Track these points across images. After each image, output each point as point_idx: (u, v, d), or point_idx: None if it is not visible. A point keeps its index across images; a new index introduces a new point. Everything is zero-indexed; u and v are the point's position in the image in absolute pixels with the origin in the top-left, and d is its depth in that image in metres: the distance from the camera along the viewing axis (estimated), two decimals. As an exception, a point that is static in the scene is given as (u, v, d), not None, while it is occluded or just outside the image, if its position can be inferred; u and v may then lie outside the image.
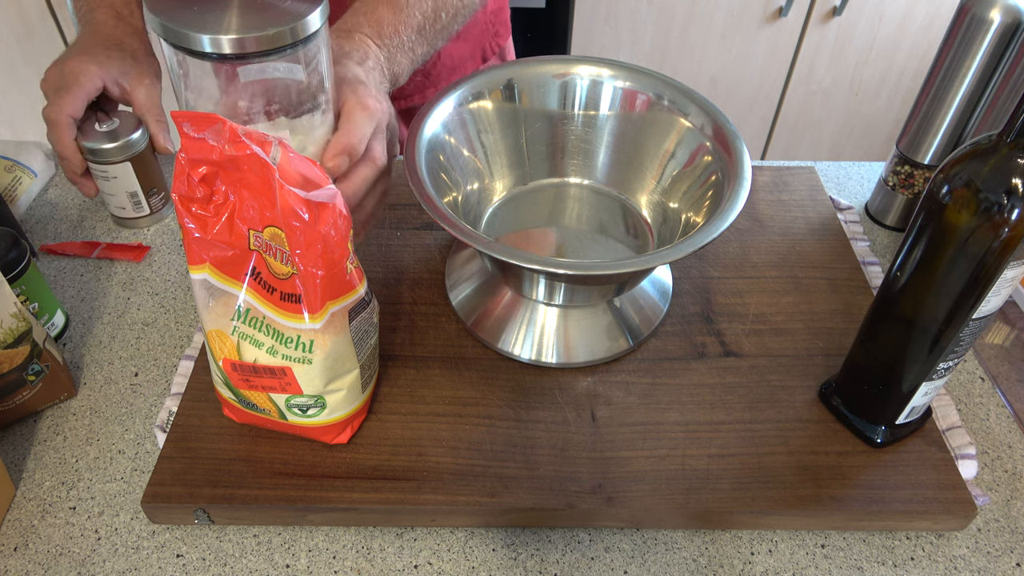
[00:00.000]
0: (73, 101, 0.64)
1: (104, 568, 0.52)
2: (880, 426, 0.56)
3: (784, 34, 1.62)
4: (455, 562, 0.52)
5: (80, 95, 0.64)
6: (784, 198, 0.78)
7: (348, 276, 0.49)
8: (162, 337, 0.66)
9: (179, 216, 0.48)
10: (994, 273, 0.45)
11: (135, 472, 0.57)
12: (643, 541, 0.54)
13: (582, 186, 0.70)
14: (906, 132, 0.74)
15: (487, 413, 0.58)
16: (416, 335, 0.64)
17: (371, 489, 0.53)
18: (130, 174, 0.72)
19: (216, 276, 0.50)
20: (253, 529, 0.54)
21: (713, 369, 0.62)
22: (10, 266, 0.59)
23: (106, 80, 0.66)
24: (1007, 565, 0.53)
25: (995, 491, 0.57)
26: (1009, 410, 0.62)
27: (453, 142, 0.63)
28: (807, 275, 0.70)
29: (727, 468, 0.55)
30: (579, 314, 0.62)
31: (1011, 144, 0.42)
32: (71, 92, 0.64)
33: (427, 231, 0.73)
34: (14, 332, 0.54)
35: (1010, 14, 0.63)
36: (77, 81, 0.64)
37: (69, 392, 0.61)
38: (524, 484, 0.53)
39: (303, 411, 0.53)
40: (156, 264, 0.73)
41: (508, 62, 0.66)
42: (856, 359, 0.57)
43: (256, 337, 0.50)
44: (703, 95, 0.64)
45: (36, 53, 1.55)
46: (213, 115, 0.45)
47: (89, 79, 0.64)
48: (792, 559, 0.53)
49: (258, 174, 0.45)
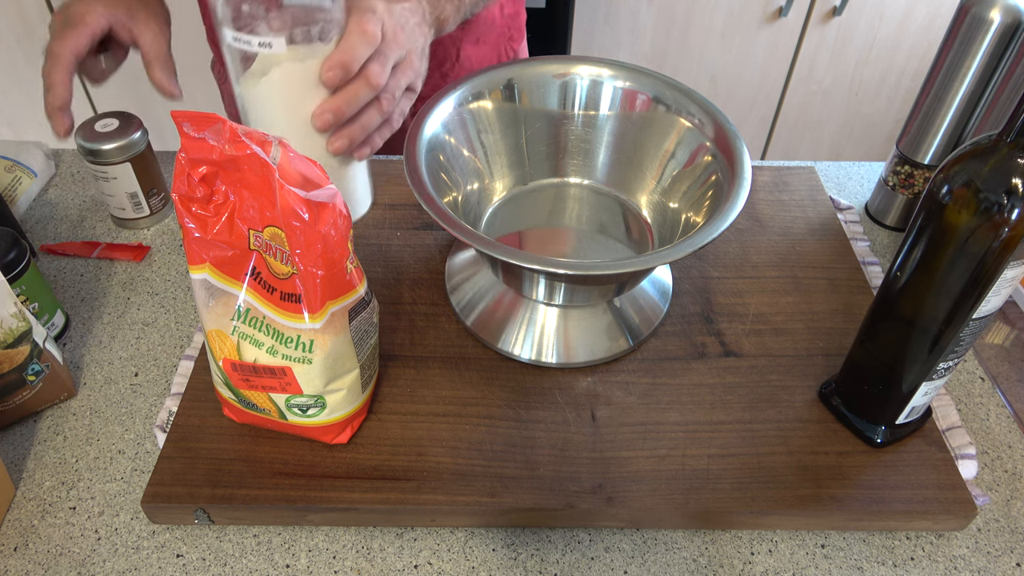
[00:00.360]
0: (77, 37, 0.63)
1: (104, 568, 0.52)
2: (880, 426, 0.56)
3: (784, 34, 1.62)
4: (455, 562, 0.52)
5: (85, 33, 0.64)
6: (784, 198, 0.78)
7: (348, 276, 0.49)
8: (162, 337, 0.66)
9: (179, 216, 0.48)
10: (994, 273, 0.45)
11: (135, 472, 0.57)
12: (643, 541, 0.54)
13: (582, 186, 0.70)
14: (906, 132, 0.74)
15: (487, 413, 0.58)
16: (416, 335, 0.64)
17: (371, 489, 0.53)
18: (130, 174, 0.72)
19: (216, 276, 0.50)
20: (253, 529, 0.54)
21: (713, 369, 0.62)
22: (10, 266, 0.59)
23: (113, 21, 0.65)
24: (1007, 565, 0.53)
25: (995, 491, 0.57)
26: (1009, 410, 0.62)
27: (453, 142, 0.63)
28: (807, 275, 0.70)
29: (727, 468, 0.55)
30: (579, 314, 0.62)
31: (1011, 144, 0.42)
32: (76, 29, 0.63)
33: (427, 231, 0.73)
34: (14, 332, 0.54)
35: (1010, 14, 0.63)
36: (83, 20, 0.63)
37: (69, 392, 0.61)
38: (524, 484, 0.53)
39: (303, 411, 0.53)
40: (156, 264, 0.73)
41: (508, 62, 0.66)
42: (856, 359, 0.57)
43: (256, 337, 0.50)
44: (703, 95, 0.64)
45: (36, 53, 1.55)
46: (213, 115, 0.45)
47: (95, 19, 0.64)
48: (792, 559, 0.53)
49: (258, 174, 0.45)
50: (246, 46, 0.53)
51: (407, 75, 0.60)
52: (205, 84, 1.61)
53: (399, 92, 0.60)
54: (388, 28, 0.58)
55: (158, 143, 0.80)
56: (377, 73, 0.56)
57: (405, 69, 0.59)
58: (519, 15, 0.94)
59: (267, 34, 0.52)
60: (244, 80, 0.56)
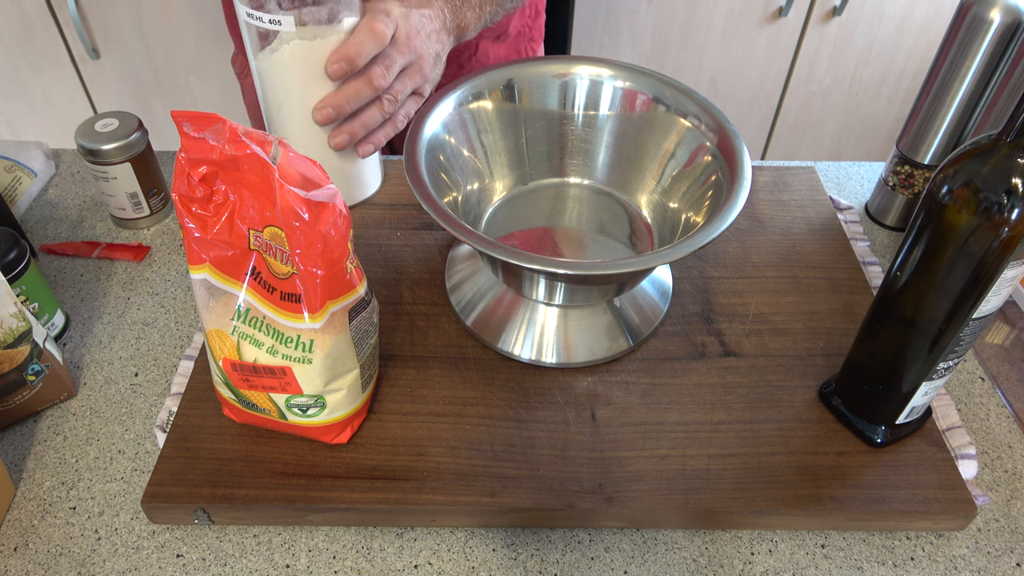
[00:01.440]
0: None
1: (104, 568, 0.52)
2: (880, 426, 0.56)
3: (784, 34, 1.62)
4: (455, 562, 0.52)
5: None
6: (784, 198, 0.78)
7: (348, 276, 0.49)
8: (162, 337, 0.66)
9: (179, 216, 0.48)
10: (994, 273, 0.45)
11: (135, 472, 0.57)
12: (643, 541, 0.54)
13: (582, 186, 0.70)
14: (906, 132, 0.74)
15: (487, 413, 0.58)
16: (416, 335, 0.64)
17: (371, 489, 0.53)
18: (130, 175, 0.72)
19: (216, 276, 0.50)
20: (253, 529, 0.54)
21: (713, 369, 0.62)
22: (10, 266, 0.59)
23: None
24: (1007, 565, 0.53)
25: (995, 491, 0.57)
26: (1009, 410, 0.62)
27: (453, 142, 0.63)
28: (807, 275, 0.70)
29: (727, 468, 0.55)
30: (579, 314, 0.62)
31: (1011, 144, 0.42)
32: None
33: (427, 231, 0.73)
34: (14, 332, 0.54)
35: (1010, 14, 0.63)
36: None
37: (69, 392, 0.61)
38: (524, 484, 0.53)
39: (303, 411, 0.53)
40: (156, 264, 0.73)
41: (508, 62, 0.67)
42: (856, 359, 0.57)
43: (256, 337, 0.50)
44: (703, 95, 0.64)
45: (36, 53, 1.55)
46: (213, 115, 0.45)
47: None
48: (792, 559, 0.53)
49: (258, 174, 0.45)
50: (258, 23, 0.57)
51: (414, 80, 0.61)
52: (205, 84, 1.61)
53: (403, 95, 0.61)
54: (401, 32, 0.59)
55: (158, 143, 0.80)
56: (379, 74, 0.58)
57: (412, 74, 0.61)
58: (539, 16, 0.97)
59: (278, 12, 0.55)
60: (260, 56, 0.59)
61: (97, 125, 0.71)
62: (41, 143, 0.84)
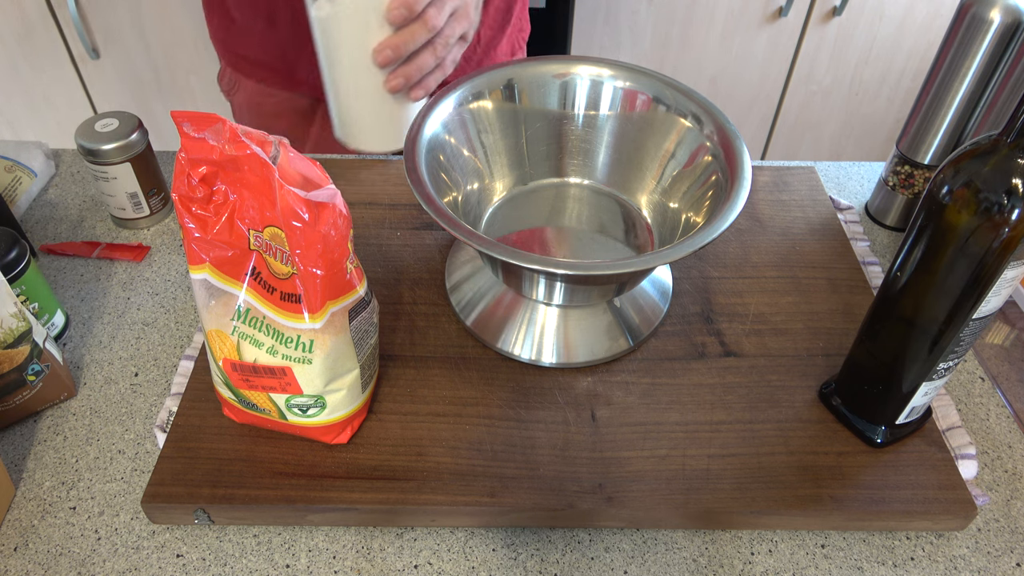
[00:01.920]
0: None
1: (104, 568, 0.52)
2: (880, 426, 0.56)
3: (784, 34, 1.62)
4: (455, 562, 0.52)
5: None
6: (784, 198, 0.78)
7: (348, 276, 0.49)
8: (162, 337, 0.66)
9: (179, 216, 0.48)
10: (994, 273, 0.45)
11: (135, 472, 0.57)
12: (643, 541, 0.54)
13: (582, 186, 0.70)
14: (906, 132, 0.74)
15: (487, 413, 0.58)
16: (416, 335, 0.64)
17: (371, 489, 0.53)
18: (130, 175, 0.72)
19: (216, 276, 0.50)
20: (253, 529, 0.54)
21: (713, 369, 0.62)
22: (10, 266, 0.59)
23: None
24: (1007, 565, 0.53)
25: (995, 491, 0.57)
26: (1009, 410, 0.62)
27: (453, 142, 0.63)
28: (807, 275, 0.70)
29: (727, 468, 0.55)
30: (579, 314, 0.62)
31: (1011, 144, 0.42)
32: None
33: (427, 231, 0.73)
34: (14, 332, 0.55)
35: (1010, 14, 0.63)
36: None
37: (69, 392, 0.61)
38: (524, 484, 0.53)
39: (303, 411, 0.53)
40: (156, 264, 0.73)
41: (508, 62, 0.67)
42: (856, 359, 0.57)
43: (256, 337, 0.50)
44: (703, 95, 0.64)
45: (36, 53, 1.55)
46: (213, 115, 0.45)
47: None
48: (792, 559, 0.53)
49: (258, 174, 0.45)
50: None
51: (462, 24, 0.66)
52: (205, 84, 1.61)
53: (453, 39, 0.65)
54: None
55: (158, 143, 0.80)
56: (434, 16, 0.61)
57: (460, 18, 0.65)
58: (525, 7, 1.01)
59: None
60: (319, 4, 0.61)
61: (97, 125, 0.71)
62: (41, 143, 0.84)
